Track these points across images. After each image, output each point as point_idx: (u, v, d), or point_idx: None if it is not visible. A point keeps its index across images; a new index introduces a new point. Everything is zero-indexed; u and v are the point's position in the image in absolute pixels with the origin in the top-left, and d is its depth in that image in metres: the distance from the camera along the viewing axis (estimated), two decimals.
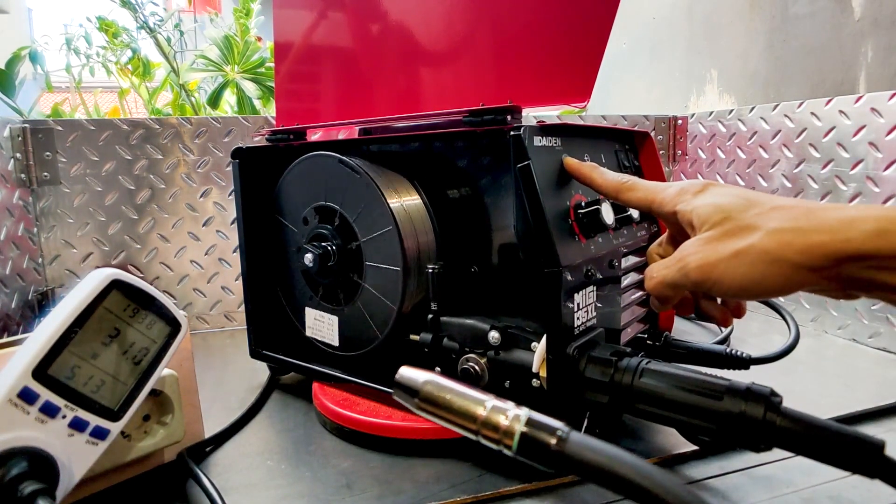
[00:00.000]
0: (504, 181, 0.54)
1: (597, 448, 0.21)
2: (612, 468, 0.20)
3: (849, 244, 0.30)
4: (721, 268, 0.33)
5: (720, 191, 0.37)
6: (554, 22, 0.50)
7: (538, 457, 0.21)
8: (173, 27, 1.66)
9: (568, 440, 0.21)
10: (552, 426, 0.21)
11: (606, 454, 0.20)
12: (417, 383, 0.23)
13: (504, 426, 0.22)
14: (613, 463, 0.20)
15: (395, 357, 0.54)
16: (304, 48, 0.69)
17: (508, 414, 0.22)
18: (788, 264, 0.31)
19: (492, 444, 0.22)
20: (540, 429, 0.21)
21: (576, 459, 0.21)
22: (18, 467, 0.32)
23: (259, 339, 0.64)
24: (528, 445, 0.21)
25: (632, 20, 1.52)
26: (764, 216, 0.33)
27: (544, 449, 0.21)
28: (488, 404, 0.22)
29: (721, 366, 0.52)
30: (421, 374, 0.23)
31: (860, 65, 0.94)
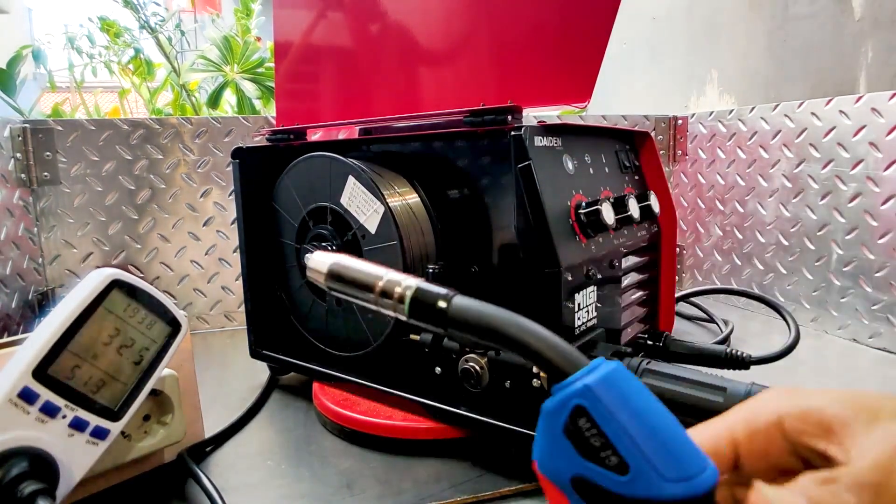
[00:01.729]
0: (504, 181, 0.54)
1: (478, 307, 0.22)
2: (490, 323, 0.21)
3: None
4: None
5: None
6: (554, 22, 0.50)
7: (428, 318, 0.23)
8: (174, 27, 1.66)
9: (452, 301, 0.22)
10: (439, 291, 0.23)
11: (486, 311, 0.22)
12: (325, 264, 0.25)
13: (398, 293, 0.24)
14: (492, 318, 0.21)
15: (396, 357, 0.54)
16: (304, 48, 0.69)
17: (402, 284, 0.24)
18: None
19: (390, 311, 0.24)
20: (428, 294, 0.23)
21: (459, 318, 0.22)
22: (18, 467, 0.32)
23: (259, 339, 0.64)
24: (418, 308, 0.23)
25: (632, 20, 1.52)
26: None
27: (431, 309, 0.23)
28: (385, 277, 0.24)
29: (721, 366, 0.52)
30: (328, 256, 0.26)
31: (860, 65, 0.94)
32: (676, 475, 0.18)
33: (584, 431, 0.19)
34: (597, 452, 0.19)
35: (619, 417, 0.19)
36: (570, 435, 0.19)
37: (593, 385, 0.19)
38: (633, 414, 0.19)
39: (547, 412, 0.20)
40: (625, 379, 0.19)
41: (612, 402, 0.19)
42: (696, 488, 0.18)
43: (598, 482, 0.19)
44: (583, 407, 0.19)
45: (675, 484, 0.18)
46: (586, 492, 0.19)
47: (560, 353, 0.20)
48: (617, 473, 0.19)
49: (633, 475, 0.18)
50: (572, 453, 0.19)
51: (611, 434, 0.19)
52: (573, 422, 0.19)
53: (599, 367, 0.20)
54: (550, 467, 0.20)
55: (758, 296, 0.82)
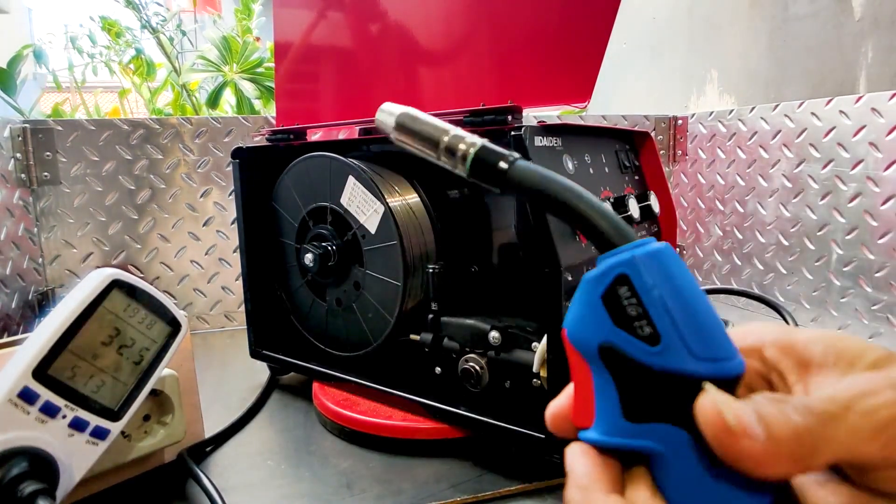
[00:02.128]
0: None
1: (539, 171, 0.22)
2: (547, 188, 0.21)
3: None
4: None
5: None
6: (554, 22, 0.50)
7: (488, 177, 0.23)
8: (175, 27, 1.66)
9: (514, 164, 0.22)
10: (503, 153, 0.23)
11: (546, 175, 0.22)
12: (395, 113, 0.26)
13: (461, 150, 0.23)
14: (550, 184, 0.21)
15: (395, 357, 0.54)
16: (304, 48, 0.69)
17: (466, 140, 0.24)
18: None
19: (450, 166, 0.24)
20: (491, 154, 0.23)
21: (517, 181, 0.22)
22: (18, 467, 0.32)
23: (259, 339, 0.64)
24: (479, 167, 0.23)
25: (632, 20, 1.52)
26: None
27: (492, 170, 0.23)
28: (452, 132, 0.24)
29: None
30: (398, 107, 0.26)
31: (860, 65, 0.94)
32: (706, 354, 0.18)
33: (623, 299, 0.19)
34: (631, 321, 0.19)
35: (660, 290, 0.19)
36: (607, 302, 0.19)
37: (640, 256, 0.19)
38: (673, 290, 0.19)
39: (588, 280, 0.20)
40: (671, 259, 0.19)
41: (655, 275, 0.19)
42: (722, 370, 0.19)
43: (627, 351, 0.19)
44: (626, 276, 0.19)
45: (702, 362, 0.18)
46: (613, 360, 0.20)
47: (612, 224, 0.20)
48: (648, 344, 0.19)
49: (663, 347, 0.19)
50: (606, 320, 0.19)
51: (648, 304, 0.19)
52: (613, 289, 0.19)
53: (649, 243, 0.20)
54: (580, 335, 0.20)
55: (758, 296, 0.82)
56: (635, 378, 0.19)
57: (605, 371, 0.20)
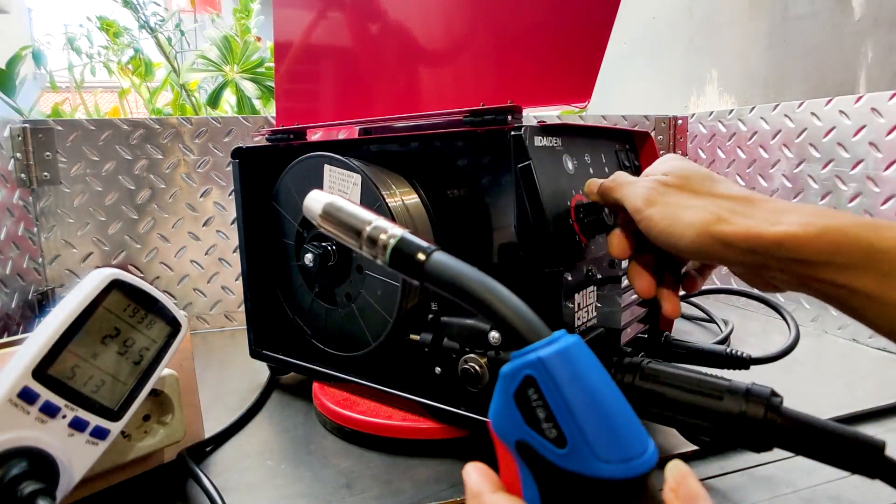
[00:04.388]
0: (504, 181, 0.54)
1: (455, 265, 0.22)
2: (462, 282, 0.22)
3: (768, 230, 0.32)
4: (658, 208, 0.37)
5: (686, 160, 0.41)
6: (554, 22, 0.50)
7: (406, 269, 0.23)
8: (174, 27, 1.66)
9: (431, 256, 0.23)
10: (420, 245, 0.23)
11: (461, 270, 0.22)
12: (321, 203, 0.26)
13: (382, 241, 0.24)
14: (465, 278, 0.22)
15: (396, 357, 0.54)
16: (304, 48, 0.69)
17: (388, 232, 0.24)
18: (709, 235, 0.34)
19: (371, 256, 0.25)
20: (409, 246, 0.23)
21: (434, 273, 0.23)
22: (18, 467, 0.32)
23: (259, 339, 0.64)
24: (398, 258, 0.24)
25: (632, 20, 1.52)
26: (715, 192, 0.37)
27: (410, 261, 0.23)
28: (374, 223, 0.25)
29: (721, 366, 0.52)
30: (325, 196, 0.27)
31: (860, 65, 0.94)
32: (612, 456, 0.19)
33: (532, 401, 0.20)
34: (539, 423, 0.20)
35: (564, 393, 0.19)
36: (518, 402, 0.20)
37: (546, 358, 0.19)
38: (579, 391, 0.19)
39: (503, 376, 0.21)
40: (580, 356, 0.20)
41: (561, 377, 0.19)
42: (628, 471, 0.19)
43: (538, 450, 0.20)
44: (532, 377, 0.20)
45: (608, 465, 0.19)
46: (528, 456, 0.20)
47: (524, 320, 0.21)
48: (556, 446, 0.19)
49: (569, 450, 0.19)
50: (519, 419, 0.20)
51: (554, 408, 0.19)
52: (523, 390, 0.20)
53: (558, 341, 0.20)
54: (500, 428, 0.21)
55: (758, 296, 0.82)
56: (550, 475, 0.20)
57: (524, 465, 0.21)
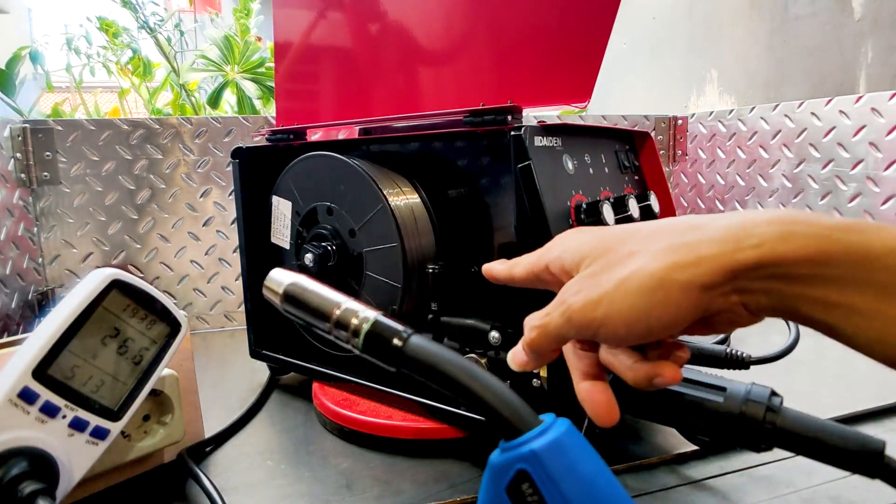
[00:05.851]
0: (504, 181, 0.54)
1: (434, 350, 0.22)
2: (445, 369, 0.21)
3: (743, 253, 0.26)
4: (605, 303, 0.28)
5: (590, 229, 0.34)
6: (554, 22, 0.50)
7: (381, 355, 0.22)
8: (174, 27, 1.66)
9: (408, 341, 0.22)
10: (396, 328, 0.22)
11: (442, 356, 0.21)
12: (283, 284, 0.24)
13: (354, 325, 0.23)
14: (447, 365, 0.21)
15: None
16: (304, 48, 0.69)
17: (359, 315, 0.23)
18: (677, 286, 0.27)
19: (342, 342, 0.23)
20: (385, 329, 0.22)
21: (413, 358, 0.22)
22: (18, 467, 0.32)
23: (259, 339, 0.64)
24: (373, 343, 0.22)
25: (632, 20, 1.52)
26: (647, 240, 0.29)
27: (386, 346, 0.22)
28: (343, 305, 0.23)
29: (721, 366, 0.52)
30: (288, 276, 0.24)
31: (860, 65, 0.94)
32: None
33: (526, 496, 0.19)
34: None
35: (560, 486, 0.18)
36: (511, 496, 0.19)
37: (539, 451, 0.19)
38: (575, 483, 0.19)
39: (492, 468, 0.20)
40: (573, 445, 0.19)
41: (555, 470, 0.19)
42: None
43: None
44: (526, 472, 0.19)
45: None
46: None
47: (512, 409, 0.20)
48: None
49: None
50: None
51: (550, 501, 0.19)
52: (516, 484, 0.19)
53: (549, 431, 0.19)
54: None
55: None
56: None
57: None
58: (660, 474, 0.45)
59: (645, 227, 0.30)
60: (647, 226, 0.30)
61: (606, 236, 0.31)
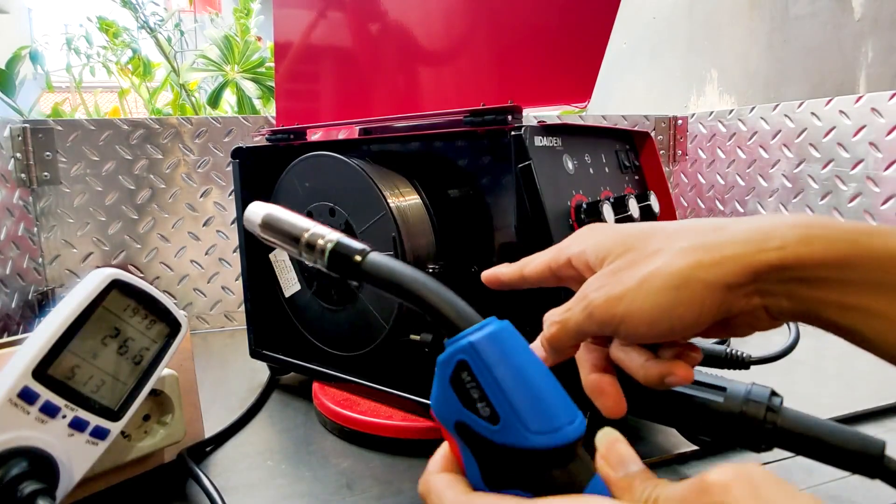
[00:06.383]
0: (504, 181, 0.54)
1: (390, 264, 0.24)
2: (398, 279, 0.23)
3: (766, 254, 0.26)
4: (627, 300, 0.28)
5: (610, 226, 0.34)
6: (554, 22, 0.50)
7: (343, 270, 0.25)
8: (174, 27, 1.66)
9: (367, 257, 0.24)
10: (356, 247, 0.25)
11: (396, 268, 0.24)
12: (260, 214, 0.27)
13: (319, 245, 0.25)
14: (400, 275, 0.23)
15: (396, 357, 0.54)
16: (304, 48, 0.69)
17: (324, 237, 0.25)
18: (701, 285, 0.27)
19: (311, 262, 0.26)
20: (346, 248, 0.25)
21: (371, 272, 0.24)
22: (18, 467, 0.32)
23: (259, 339, 0.64)
24: (336, 261, 0.25)
25: (632, 20, 1.52)
26: (670, 238, 0.29)
27: (347, 263, 0.25)
28: (311, 230, 0.26)
29: (721, 366, 0.52)
30: (264, 207, 0.28)
31: (860, 65, 0.94)
32: (541, 427, 0.20)
33: (465, 383, 0.21)
34: (474, 403, 0.21)
35: (494, 373, 0.21)
36: (454, 385, 0.22)
37: (476, 342, 0.21)
38: (508, 371, 0.21)
39: (439, 363, 0.22)
40: (508, 338, 0.21)
41: (490, 358, 0.21)
42: (558, 440, 0.21)
43: (474, 429, 0.21)
44: (465, 361, 0.21)
45: (539, 435, 0.20)
46: (466, 436, 0.22)
47: (455, 310, 0.22)
48: (489, 423, 0.21)
49: (502, 425, 0.21)
50: (455, 402, 0.22)
51: (486, 388, 0.21)
52: (457, 374, 0.21)
53: (487, 326, 0.22)
54: (439, 413, 0.23)
55: None
56: (487, 452, 0.21)
57: (464, 444, 0.22)
58: (660, 474, 0.45)
59: (668, 225, 0.30)
60: (670, 225, 0.30)
61: (629, 233, 0.31)
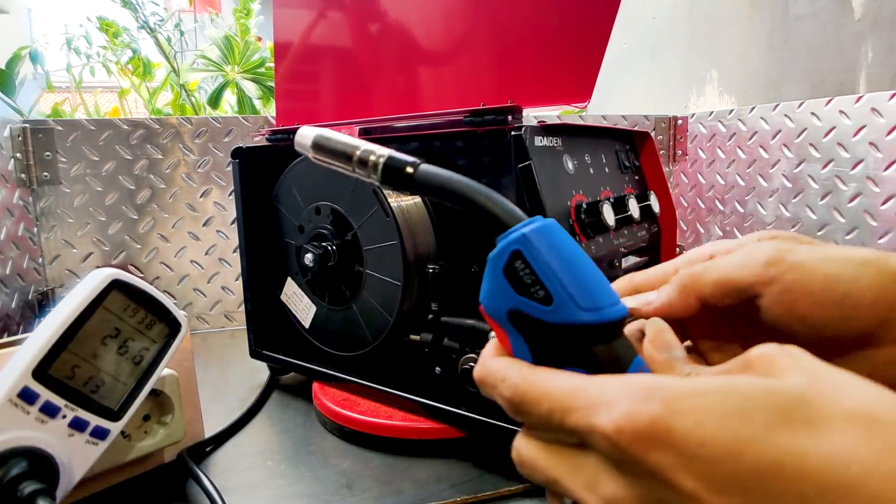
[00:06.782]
0: (505, 181, 0.54)
1: (440, 173, 0.25)
2: (449, 185, 0.25)
3: None
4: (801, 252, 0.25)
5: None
6: (554, 22, 0.50)
7: (397, 182, 0.26)
8: (174, 27, 1.66)
9: (419, 168, 0.26)
10: (408, 159, 0.26)
11: (447, 175, 0.25)
12: (310, 136, 0.29)
13: (372, 161, 0.26)
14: (451, 181, 0.25)
15: (396, 357, 0.54)
16: (304, 48, 0.69)
17: (375, 153, 0.27)
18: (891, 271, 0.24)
19: (364, 177, 0.27)
20: (398, 162, 0.26)
21: (424, 182, 0.25)
22: (18, 467, 0.32)
23: (259, 339, 0.64)
24: (389, 174, 0.26)
25: (632, 20, 1.52)
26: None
27: (400, 174, 0.26)
28: (362, 147, 0.27)
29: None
30: (313, 130, 0.29)
31: (860, 65, 0.94)
32: (590, 306, 0.22)
33: (519, 271, 0.23)
34: (528, 288, 0.23)
35: (547, 259, 0.23)
36: (507, 275, 0.23)
37: (529, 233, 0.23)
38: (558, 256, 0.23)
39: (491, 259, 0.24)
40: (556, 231, 0.23)
41: (542, 247, 0.23)
42: (605, 316, 0.23)
43: (528, 313, 0.23)
44: (519, 251, 0.23)
45: (588, 312, 0.22)
46: (519, 322, 0.23)
47: (504, 209, 0.24)
48: (543, 304, 0.22)
49: (555, 305, 0.22)
50: (509, 291, 0.23)
51: (540, 272, 0.23)
52: (511, 264, 0.23)
53: (536, 221, 0.23)
54: (491, 306, 0.24)
55: None
56: (538, 333, 0.23)
57: (516, 331, 0.24)
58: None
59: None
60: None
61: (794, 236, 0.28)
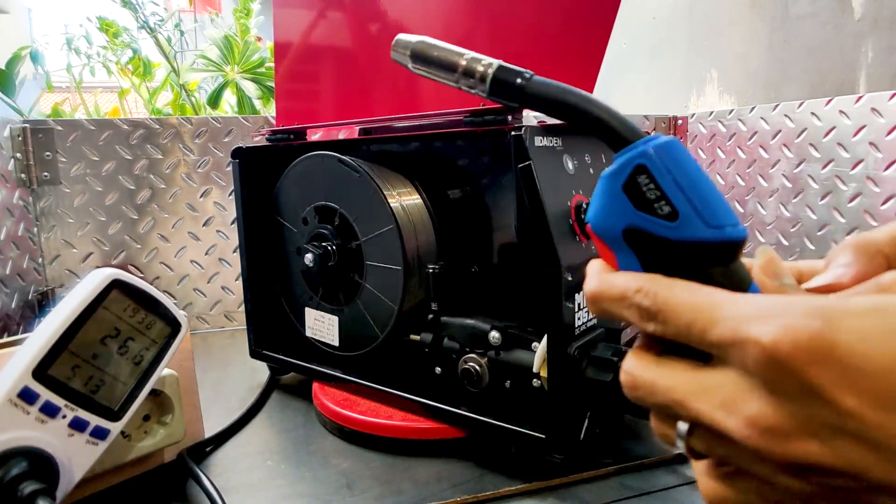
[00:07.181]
0: (504, 181, 0.54)
1: (556, 84, 0.24)
2: (564, 98, 0.24)
3: None
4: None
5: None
6: (555, 22, 0.50)
7: (507, 94, 0.25)
8: (174, 27, 1.66)
9: (531, 79, 0.25)
10: (519, 70, 0.25)
11: (562, 87, 0.24)
12: (411, 42, 0.27)
13: (480, 71, 0.25)
14: (566, 94, 0.24)
15: (395, 357, 0.54)
16: (304, 48, 0.69)
17: (483, 62, 0.25)
18: None
19: (470, 88, 0.26)
20: (509, 72, 0.25)
21: (535, 94, 0.24)
22: (18, 467, 0.32)
23: (259, 339, 0.64)
24: (499, 85, 0.25)
25: (632, 20, 1.52)
26: None
27: (511, 87, 0.25)
28: (467, 55, 0.26)
29: None
30: (412, 37, 0.27)
31: (860, 65, 0.94)
32: (715, 223, 0.21)
33: (642, 186, 0.22)
34: (651, 204, 0.22)
35: (674, 174, 0.21)
36: (628, 191, 0.22)
37: (654, 147, 0.22)
38: (684, 173, 0.22)
39: (607, 175, 0.23)
40: (679, 147, 0.22)
41: (668, 161, 0.22)
42: (729, 235, 0.22)
43: (649, 229, 0.22)
44: (643, 165, 0.22)
45: (714, 229, 0.21)
46: (636, 240, 0.22)
47: (624, 124, 0.23)
48: (668, 220, 0.21)
49: (681, 221, 0.21)
50: (628, 207, 0.22)
51: (666, 187, 0.21)
52: (633, 179, 0.22)
53: (658, 137, 0.22)
54: (604, 224, 0.23)
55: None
56: (657, 251, 0.22)
57: (629, 251, 0.23)
58: (660, 474, 0.45)
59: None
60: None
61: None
